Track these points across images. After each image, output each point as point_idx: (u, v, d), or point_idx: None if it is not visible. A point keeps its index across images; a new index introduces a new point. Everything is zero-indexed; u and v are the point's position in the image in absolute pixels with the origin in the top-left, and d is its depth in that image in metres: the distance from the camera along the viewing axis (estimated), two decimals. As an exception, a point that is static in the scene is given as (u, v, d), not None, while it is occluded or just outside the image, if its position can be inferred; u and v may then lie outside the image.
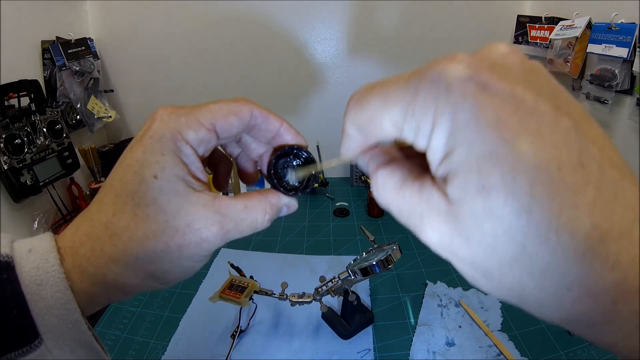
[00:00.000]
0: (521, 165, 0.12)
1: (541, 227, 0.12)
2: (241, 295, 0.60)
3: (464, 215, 0.14)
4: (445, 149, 0.14)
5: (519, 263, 0.13)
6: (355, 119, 0.18)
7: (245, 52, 1.17)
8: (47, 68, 0.99)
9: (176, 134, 0.22)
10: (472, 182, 0.13)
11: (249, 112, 0.25)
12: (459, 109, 0.13)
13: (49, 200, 0.94)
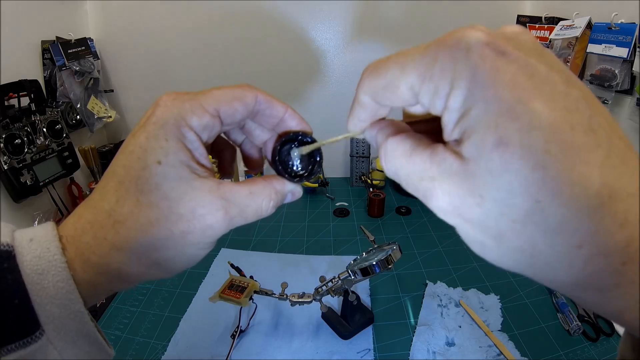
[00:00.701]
0: (537, 123, 0.13)
1: (555, 181, 0.13)
2: (241, 295, 0.60)
3: (480, 172, 0.14)
4: (462, 109, 0.14)
5: (532, 219, 0.13)
6: (371, 85, 0.18)
7: (245, 52, 1.17)
8: (47, 68, 0.99)
9: (180, 120, 0.22)
10: (489, 137, 0.13)
11: (254, 97, 0.24)
12: (478, 70, 0.14)
13: (49, 200, 0.94)
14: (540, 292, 0.75)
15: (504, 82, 0.13)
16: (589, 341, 0.64)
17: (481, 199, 0.14)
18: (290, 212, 1.09)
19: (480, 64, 0.14)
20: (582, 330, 0.65)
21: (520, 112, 0.13)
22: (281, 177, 0.26)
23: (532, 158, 0.13)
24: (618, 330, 0.66)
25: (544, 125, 0.13)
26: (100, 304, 0.75)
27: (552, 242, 0.13)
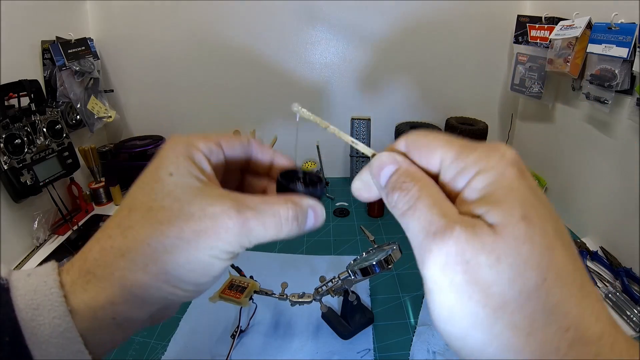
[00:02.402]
0: (549, 217, 0.16)
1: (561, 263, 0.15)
2: (241, 295, 0.60)
3: (504, 237, 0.15)
4: (485, 187, 0.17)
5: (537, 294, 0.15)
6: (416, 139, 0.20)
7: (244, 52, 1.17)
8: (47, 68, 0.99)
9: (189, 144, 0.23)
10: (516, 211, 0.16)
11: (247, 139, 0.28)
12: (507, 170, 0.17)
13: (49, 200, 0.94)
14: (540, 292, 0.75)
15: (524, 185, 0.17)
16: None
17: (497, 262, 0.15)
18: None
19: (510, 168, 0.17)
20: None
21: (538, 208, 0.16)
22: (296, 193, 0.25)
23: (547, 237, 0.15)
24: (618, 330, 0.66)
25: (552, 223, 0.16)
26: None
27: (548, 321, 0.14)
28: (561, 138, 1.01)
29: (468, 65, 1.19)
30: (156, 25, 1.15)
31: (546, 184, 1.09)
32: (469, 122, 1.16)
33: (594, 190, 0.90)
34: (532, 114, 1.16)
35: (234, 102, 1.23)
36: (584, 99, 0.85)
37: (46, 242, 0.95)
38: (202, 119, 1.26)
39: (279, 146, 1.22)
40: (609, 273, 0.79)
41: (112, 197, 1.15)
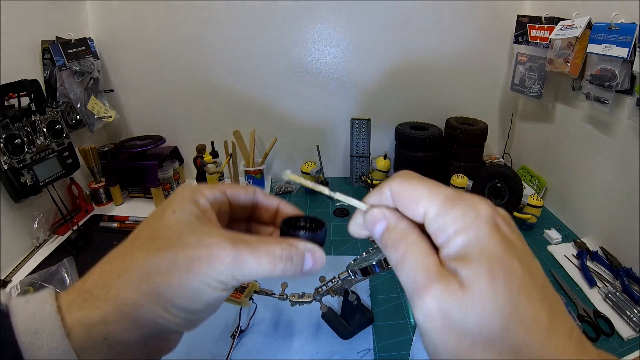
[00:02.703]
0: (514, 272, 0.18)
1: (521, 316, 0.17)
2: (241, 295, 0.60)
3: (473, 292, 0.18)
4: (460, 248, 0.19)
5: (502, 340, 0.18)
6: (400, 188, 0.22)
7: (244, 52, 1.17)
8: (47, 68, 0.99)
9: (195, 190, 0.26)
10: (484, 271, 0.18)
11: (252, 189, 0.30)
12: (480, 229, 0.19)
13: (49, 200, 0.94)
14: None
15: (495, 242, 0.19)
16: (589, 341, 0.64)
17: (466, 314, 0.18)
18: (290, 212, 1.09)
19: (484, 225, 0.19)
20: (582, 330, 0.65)
21: (505, 262, 0.18)
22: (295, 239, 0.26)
23: (511, 291, 0.18)
24: (618, 329, 0.66)
25: (517, 275, 0.18)
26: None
27: (516, 357, 0.17)
28: (561, 138, 1.01)
29: (468, 65, 1.19)
30: (156, 26, 1.15)
31: (546, 184, 1.09)
32: (469, 122, 1.16)
33: (594, 190, 0.90)
34: (532, 114, 1.16)
35: (234, 102, 1.23)
36: (584, 99, 0.85)
37: (46, 242, 0.95)
38: (202, 119, 1.26)
39: (278, 146, 1.22)
40: (609, 273, 0.79)
41: (112, 197, 1.15)
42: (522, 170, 1.20)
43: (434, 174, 1.15)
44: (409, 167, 1.13)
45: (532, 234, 0.95)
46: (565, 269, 0.82)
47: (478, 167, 1.14)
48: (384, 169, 1.19)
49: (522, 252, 0.19)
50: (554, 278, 0.79)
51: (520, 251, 0.19)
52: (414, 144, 1.10)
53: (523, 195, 0.97)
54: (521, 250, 0.19)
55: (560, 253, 0.86)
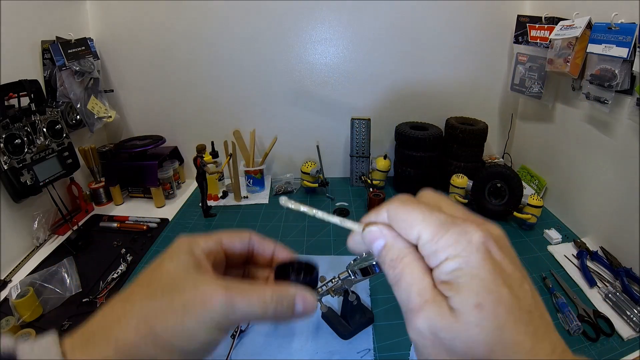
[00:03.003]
0: (503, 301, 0.19)
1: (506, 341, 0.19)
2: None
3: (461, 319, 0.19)
4: (451, 274, 0.20)
5: None
6: (397, 212, 0.23)
7: (244, 52, 1.17)
8: (47, 68, 0.99)
9: (191, 242, 0.28)
10: (471, 300, 0.19)
11: (248, 235, 0.31)
12: (472, 257, 0.20)
13: (49, 200, 0.94)
14: (540, 293, 0.75)
15: (485, 270, 0.20)
16: (589, 341, 0.64)
17: (454, 339, 0.19)
18: (290, 212, 1.09)
19: (475, 253, 0.20)
20: (582, 330, 0.65)
21: (493, 291, 0.19)
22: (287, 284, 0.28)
23: (497, 320, 0.19)
24: (618, 330, 0.66)
25: (504, 303, 0.19)
26: (101, 303, 0.75)
27: None
28: (561, 138, 1.01)
29: (468, 65, 1.19)
30: (156, 26, 1.15)
31: (546, 183, 1.09)
32: (469, 122, 1.16)
33: (594, 190, 0.90)
34: (532, 114, 1.16)
35: (234, 102, 1.23)
36: (584, 99, 0.85)
37: (46, 242, 0.95)
38: (202, 119, 1.26)
39: (278, 146, 1.22)
40: (609, 273, 0.79)
41: (112, 197, 1.15)
42: (522, 170, 1.20)
43: (434, 174, 1.15)
44: (409, 166, 1.13)
45: (532, 234, 0.95)
46: (565, 269, 0.82)
47: (478, 167, 1.14)
48: (384, 169, 1.19)
49: (512, 277, 0.20)
50: (554, 278, 0.79)
51: (510, 276, 0.20)
52: (414, 144, 1.10)
53: (523, 195, 0.97)
54: (511, 274, 0.20)
55: (560, 253, 0.86)
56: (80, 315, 0.72)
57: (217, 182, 1.18)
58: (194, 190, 1.24)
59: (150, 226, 1.02)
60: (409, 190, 1.15)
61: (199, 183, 1.05)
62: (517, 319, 0.19)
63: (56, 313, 0.73)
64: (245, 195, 1.18)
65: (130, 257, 0.88)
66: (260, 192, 1.21)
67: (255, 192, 1.21)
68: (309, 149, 1.22)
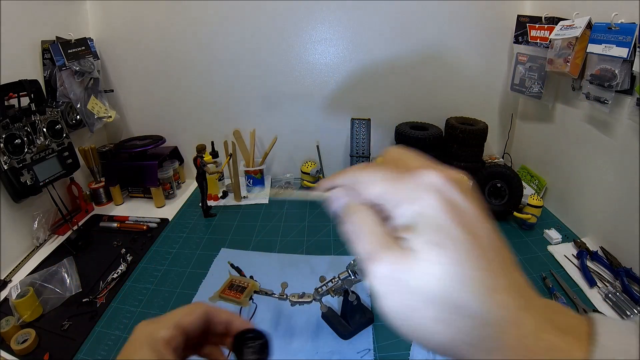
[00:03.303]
0: (460, 238, 0.20)
1: (464, 276, 0.19)
2: (241, 295, 0.60)
3: (420, 260, 0.20)
4: (408, 218, 0.21)
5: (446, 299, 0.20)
6: (355, 173, 0.24)
7: (244, 52, 1.17)
8: (47, 68, 0.99)
9: (152, 333, 0.30)
10: (433, 238, 0.20)
11: (202, 308, 0.34)
12: (428, 199, 0.20)
13: (49, 200, 0.94)
14: (540, 292, 0.75)
15: (441, 210, 0.20)
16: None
17: (414, 278, 0.20)
18: (290, 212, 1.09)
19: (432, 194, 0.21)
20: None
21: (449, 230, 0.20)
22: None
23: (457, 255, 0.19)
24: (618, 330, 0.66)
25: (460, 242, 0.20)
26: (100, 303, 0.75)
27: (457, 312, 0.19)
28: (561, 138, 1.01)
29: (468, 65, 1.19)
30: (156, 26, 1.15)
31: (546, 184, 1.09)
32: (469, 122, 1.16)
33: (594, 190, 0.90)
34: (532, 114, 1.16)
35: (234, 102, 1.23)
36: (584, 99, 0.85)
37: (46, 242, 0.95)
38: (202, 119, 1.26)
39: (278, 146, 1.23)
40: (609, 273, 0.79)
41: (112, 197, 1.15)
42: (522, 170, 1.20)
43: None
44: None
45: (532, 234, 0.95)
46: (565, 269, 0.82)
47: (478, 167, 1.14)
48: (384, 169, 1.19)
49: (468, 216, 0.21)
50: (554, 278, 0.79)
51: (466, 215, 0.21)
52: (414, 144, 1.09)
53: (523, 195, 0.97)
54: (468, 214, 0.21)
55: (560, 253, 0.86)
56: (80, 315, 0.72)
57: (217, 182, 1.18)
58: (194, 190, 1.24)
59: (150, 226, 1.02)
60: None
61: (199, 183, 1.05)
62: (473, 256, 0.20)
63: (56, 313, 0.73)
64: (245, 195, 1.18)
65: (130, 257, 0.88)
66: (260, 192, 1.21)
67: (255, 192, 1.21)
68: (309, 149, 1.22)
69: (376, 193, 0.22)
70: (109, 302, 0.75)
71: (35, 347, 0.65)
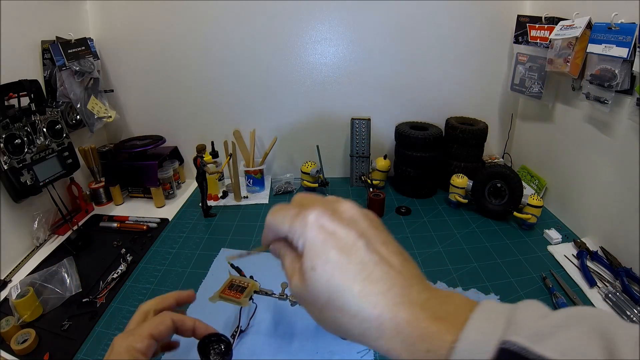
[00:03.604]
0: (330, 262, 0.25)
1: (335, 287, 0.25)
2: (241, 295, 0.59)
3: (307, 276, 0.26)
4: (300, 249, 0.27)
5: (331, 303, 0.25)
6: (271, 223, 0.30)
7: (244, 52, 1.17)
8: (47, 68, 0.99)
9: (129, 348, 0.36)
10: (309, 264, 0.26)
11: (169, 318, 0.41)
12: (309, 233, 0.27)
13: (49, 200, 0.94)
14: (540, 293, 0.75)
15: (318, 239, 0.26)
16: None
17: (303, 289, 0.27)
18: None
19: (311, 229, 0.27)
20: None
21: (323, 254, 0.26)
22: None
23: (326, 274, 0.25)
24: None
25: (332, 261, 0.25)
26: (100, 303, 0.75)
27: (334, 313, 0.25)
28: (561, 138, 1.01)
29: (468, 65, 1.19)
30: (156, 26, 1.15)
31: (546, 184, 1.09)
32: (469, 122, 1.16)
33: (594, 190, 0.90)
34: (532, 114, 1.16)
35: (234, 102, 1.23)
36: (584, 99, 0.85)
37: (46, 242, 0.95)
38: (202, 119, 1.26)
39: (278, 146, 1.22)
40: (609, 273, 0.79)
41: (112, 197, 1.15)
42: (522, 170, 1.20)
43: (434, 174, 1.15)
44: (409, 167, 1.13)
45: (532, 234, 0.95)
46: (565, 269, 0.82)
47: (478, 167, 1.14)
48: (384, 169, 1.19)
49: (343, 240, 0.26)
50: (554, 278, 0.79)
51: (341, 240, 0.26)
52: (414, 144, 1.09)
53: (523, 195, 0.97)
54: (343, 238, 0.26)
55: (560, 253, 0.86)
56: (80, 315, 0.72)
57: (217, 182, 1.18)
58: (194, 190, 1.24)
59: (150, 226, 1.02)
60: (409, 190, 1.16)
61: (199, 183, 1.05)
62: (344, 271, 0.25)
63: (56, 313, 0.73)
64: (245, 195, 1.18)
65: (130, 257, 0.88)
66: (260, 192, 1.21)
67: (255, 192, 1.21)
68: (309, 149, 1.22)
69: (284, 231, 0.29)
70: (109, 302, 0.75)
71: (35, 347, 0.65)
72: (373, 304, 0.24)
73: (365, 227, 0.28)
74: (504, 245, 0.91)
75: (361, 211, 0.29)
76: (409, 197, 1.15)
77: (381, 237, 0.28)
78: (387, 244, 0.28)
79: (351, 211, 0.29)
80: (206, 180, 1.06)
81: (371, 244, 0.26)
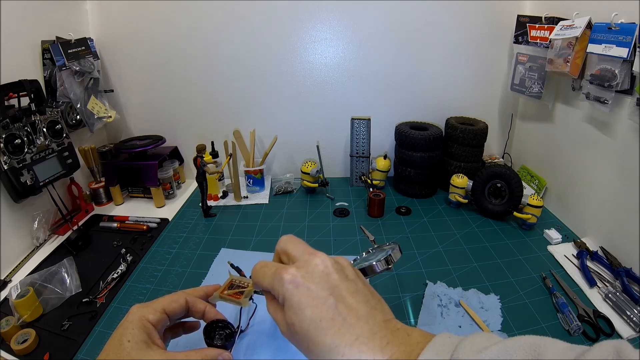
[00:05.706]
0: (303, 318, 0.30)
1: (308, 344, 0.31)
2: (241, 296, 0.59)
3: (289, 326, 0.32)
4: (282, 302, 0.32)
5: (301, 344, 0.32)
6: (254, 279, 0.36)
7: (244, 52, 1.17)
8: (47, 68, 0.99)
9: (142, 317, 0.39)
10: (288, 319, 0.31)
11: (183, 297, 0.44)
12: (285, 292, 0.31)
13: (49, 200, 0.94)
14: (540, 292, 0.75)
15: (294, 297, 0.31)
16: (589, 341, 0.64)
17: (289, 334, 0.33)
18: (290, 212, 1.09)
19: (286, 291, 0.31)
20: (582, 330, 0.65)
21: (295, 305, 0.31)
22: (211, 347, 0.42)
23: (303, 325, 0.30)
24: (618, 330, 0.66)
25: (307, 319, 0.30)
26: (101, 303, 0.75)
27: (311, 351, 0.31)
28: (561, 138, 1.01)
29: (468, 65, 1.19)
30: (156, 26, 1.15)
31: (546, 184, 1.09)
32: (469, 122, 1.16)
33: (594, 190, 0.90)
34: (532, 114, 1.16)
35: (234, 102, 1.23)
36: (584, 99, 0.85)
37: (46, 242, 0.95)
38: (202, 119, 1.26)
39: (278, 146, 1.22)
40: (609, 273, 0.79)
41: (112, 197, 1.15)
42: (522, 170, 1.20)
43: (434, 174, 1.15)
44: (409, 166, 1.13)
45: (532, 234, 0.95)
46: (565, 269, 0.82)
47: (478, 167, 1.14)
48: (384, 169, 1.19)
49: (315, 294, 0.30)
50: (554, 278, 0.79)
51: (312, 293, 0.30)
52: (414, 144, 1.09)
53: (523, 195, 0.97)
54: (315, 292, 0.30)
55: (560, 253, 0.86)
56: (80, 315, 0.72)
57: (217, 182, 1.18)
58: (194, 190, 1.24)
59: (150, 226, 1.02)
60: (409, 190, 1.16)
61: (199, 183, 1.05)
62: (317, 327, 0.29)
63: (56, 313, 0.73)
64: (245, 195, 1.18)
65: (130, 257, 0.88)
66: (260, 192, 1.21)
67: (255, 192, 1.21)
68: (309, 149, 1.22)
69: (266, 288, 0.34)
70: (109, 302, 0.75)
71: (35, 347, 0.65)
72: (341, 354, 0.28)
73: (337, 280, 0.32)
74: (504, 245, 0.91)
75: (333, 264, 0.33)
76: (409, 197, 1.15)
77: (351, 288, 0.32)
78: (357, 293, 0.31)
79: (322, 265, 0.32)
80: (206, 180, 1.06)
81: (341, 298, 0.31)
